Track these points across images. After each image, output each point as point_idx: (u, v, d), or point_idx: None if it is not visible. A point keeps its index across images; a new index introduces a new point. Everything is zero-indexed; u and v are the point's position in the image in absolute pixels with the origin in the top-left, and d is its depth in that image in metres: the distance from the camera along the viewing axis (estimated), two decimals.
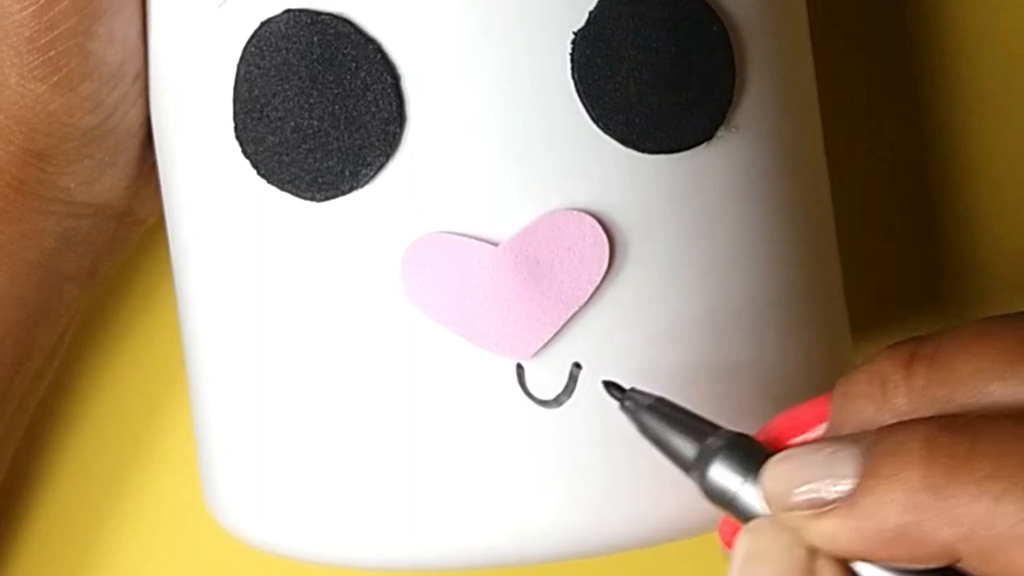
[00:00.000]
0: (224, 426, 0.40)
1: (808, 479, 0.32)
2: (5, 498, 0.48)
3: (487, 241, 0.36)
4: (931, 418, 0.32)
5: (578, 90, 0.36)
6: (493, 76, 0.36)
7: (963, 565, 0.31)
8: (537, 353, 0.37)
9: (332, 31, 0.36)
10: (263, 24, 0.37)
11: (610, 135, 0.37)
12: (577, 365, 0.37)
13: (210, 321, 0.39)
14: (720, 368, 0.37)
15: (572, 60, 0.36)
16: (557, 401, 0.37)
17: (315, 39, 0.36)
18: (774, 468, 0.33)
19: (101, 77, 0.40)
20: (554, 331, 0.37)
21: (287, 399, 0.38)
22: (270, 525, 0.39)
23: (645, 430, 0.35)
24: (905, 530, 0.31)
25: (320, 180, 0.37)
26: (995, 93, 0.49)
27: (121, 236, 0.44)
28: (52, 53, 0.39)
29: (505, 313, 0.36)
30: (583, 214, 0.36)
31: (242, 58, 0.37)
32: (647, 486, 0.37)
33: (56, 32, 0.39)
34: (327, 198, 0.37)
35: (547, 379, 0.37)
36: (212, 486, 0.41)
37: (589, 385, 0.37)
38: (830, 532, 0.32)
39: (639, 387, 0.36)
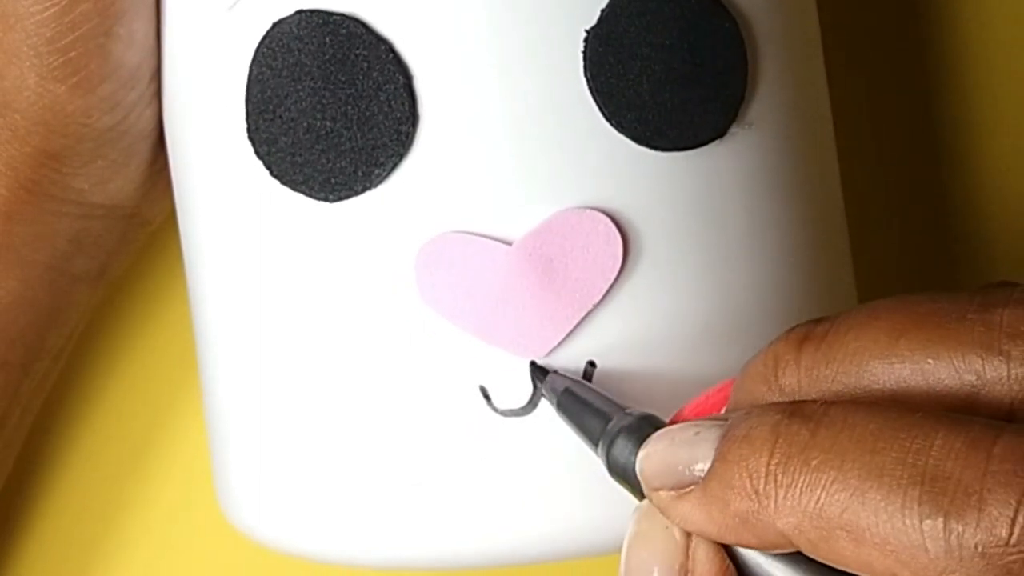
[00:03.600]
0: (236, 424, 0.40)
1: (672, 460, 0.31)
2: (11, 499, 0.48)
3: (500, 240, 0.36)
4: (786, 403, 0.31)
5: (591, 88, 0.36)
6: (505, 75, 0.36)
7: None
8: (551, 352, 0.37)
9: (344, 31, 0.36)
10: (275, 25, 0.37)
11: (623, 133, 0.36)
12: (591, 363, 0.37)
13: (222, 321, 0.39)
14: (733, 364, 0.37)
15: (584, 58, 0.36)
16: None
17: (327, 39, 0.36)
18: (647, 447, 0.32)
19: (120, 79, 0.40)
20: (568, 330, 0.37)
21: (298, 398, 0.38)
22: (279, 522, 0.39)
23: (561, 409, 0.35)
24: (746, 517, 0.30)
25: (333, 180, 0.37)
26: (1003, 89, 0.49)
27: (129, 237, 0.44)
28: (73, 54, 0.39)
29: (519, 312, 0.36)
30: (596, 212, 0.36)
31: (254, 59, 0.37)
32: None
33: (77, 33, 0.39)
34: (340, 199, 0.37)
35: None
36: (223, 483, 0.41)
37: (604, 383, 0.37)
38: (687, 514, 0.31)
39: (562, 371, 0.36)
